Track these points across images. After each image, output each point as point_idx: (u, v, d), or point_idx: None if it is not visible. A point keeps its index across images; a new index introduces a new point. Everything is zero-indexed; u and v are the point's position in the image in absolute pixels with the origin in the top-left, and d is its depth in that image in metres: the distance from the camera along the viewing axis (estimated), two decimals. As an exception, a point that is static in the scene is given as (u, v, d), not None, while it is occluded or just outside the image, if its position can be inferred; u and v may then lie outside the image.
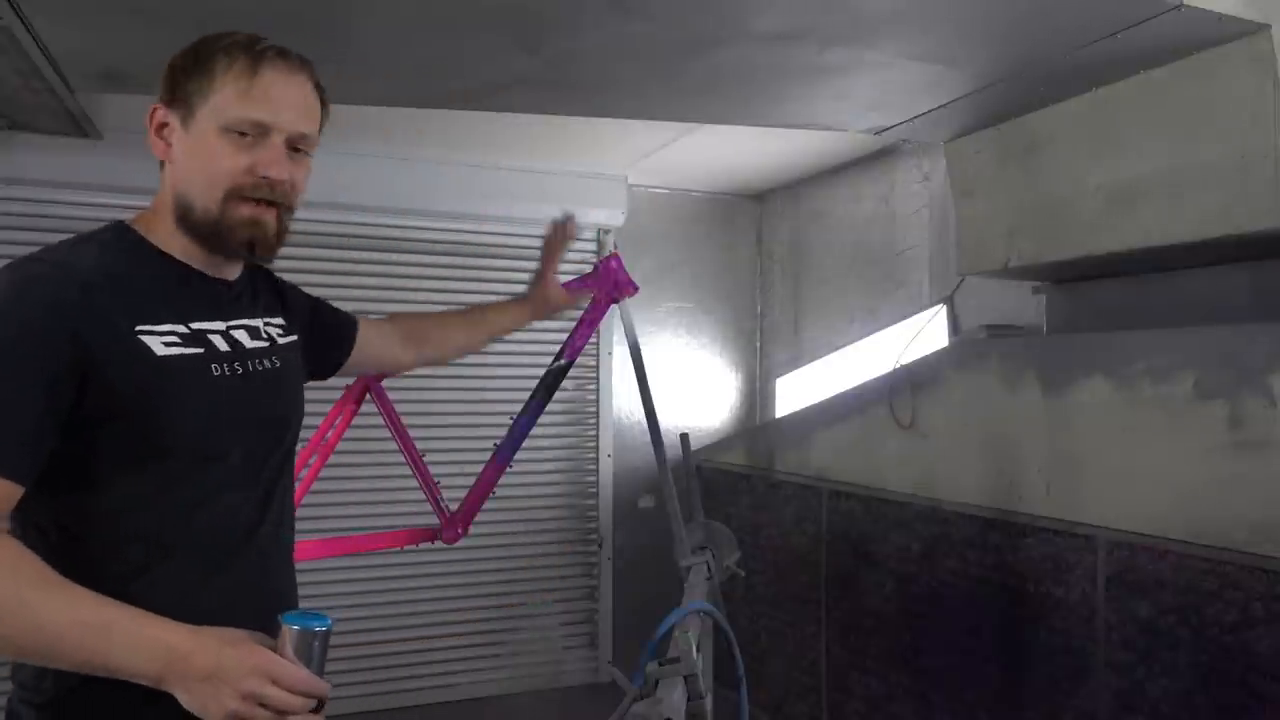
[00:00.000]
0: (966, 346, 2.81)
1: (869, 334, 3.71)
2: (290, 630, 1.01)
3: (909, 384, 2.84)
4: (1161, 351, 2.09)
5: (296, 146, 1.17)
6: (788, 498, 3.30)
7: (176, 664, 0.95)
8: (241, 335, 1.21)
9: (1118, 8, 1.84)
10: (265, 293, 1.35)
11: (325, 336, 1.53)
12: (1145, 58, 2.05)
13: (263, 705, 0.95)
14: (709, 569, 2.12)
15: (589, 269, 2.55)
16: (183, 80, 1.14)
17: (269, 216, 1.16)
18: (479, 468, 2.36)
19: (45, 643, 0.95)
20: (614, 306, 2.60)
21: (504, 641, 3.92)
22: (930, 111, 2.49)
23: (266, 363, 1.24)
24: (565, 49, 2.10)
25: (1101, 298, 2.54)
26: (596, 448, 4.14)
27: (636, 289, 2.59)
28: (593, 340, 3.51)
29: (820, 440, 3.24)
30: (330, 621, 1.03)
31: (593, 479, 4.13)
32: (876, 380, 3.02)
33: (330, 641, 1.04)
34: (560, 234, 1.95)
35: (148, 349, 1.08)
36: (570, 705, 3.89)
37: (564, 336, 2.59)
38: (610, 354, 4.14)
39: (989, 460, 2.53)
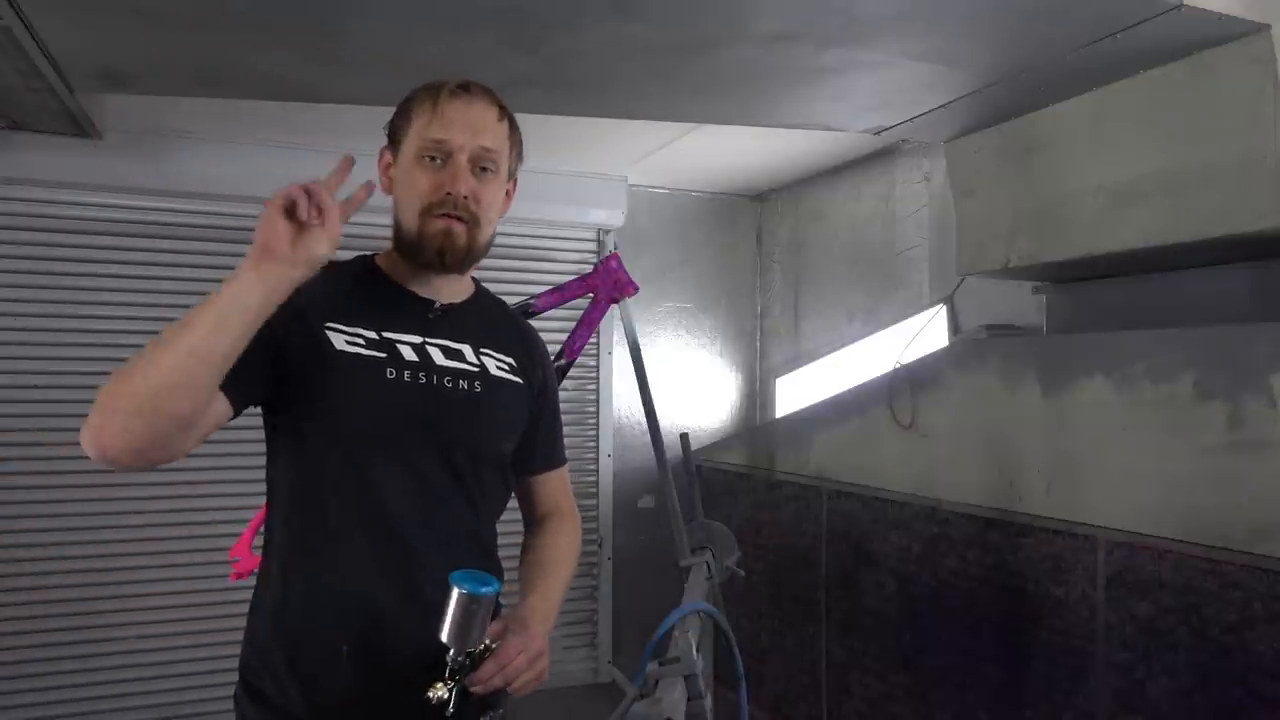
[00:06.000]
0: (966, 346, 2.81)
1: (869, 334, 3.70)
2: (458, 593, 1.14)
3: (909, 384, 2.84)
4: (1161, 351, 2.08)
5: (484, 166, 1.34)
6: (788, 498, 3.30)
7: (245, 269, 1.11)
8: (435, 352, 1.36)
9: (1118, 8, 1.84)
10: (496, 330, 1.47)
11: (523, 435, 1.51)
12: (1145, 58, 2.05)
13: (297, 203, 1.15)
14: (709, 569, 2.11)
15: (589, 269, 2.55)
16: (395, 125, 1.38)
17: (458, 229, 1.33)
18: (479, 468, 2.36)
19: (179, 346, 1.10)
20: (614, 306, 2.60)
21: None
22: (930, 111, 2.49)
23: (464, 384, 1.36)
24: (565, 49, 2.10)
25: (1101, 298, 2.54)
26: (596, 448, 4.14)
27: (636, 289, 2.59)
28: (593, 340, 3.51)
29: (820, 440, 3.24)
30: (498, 586, 1.17)
31: (593, 479, 4.12)
32: (876, 380, 3.02)
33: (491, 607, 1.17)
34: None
35: (328, 341, 1.30)
36: (570, 705, 3.88)
37: (564, 336, 2.59)
38: (610, 354, 4.14)
39: (989, 460, 2.52)
